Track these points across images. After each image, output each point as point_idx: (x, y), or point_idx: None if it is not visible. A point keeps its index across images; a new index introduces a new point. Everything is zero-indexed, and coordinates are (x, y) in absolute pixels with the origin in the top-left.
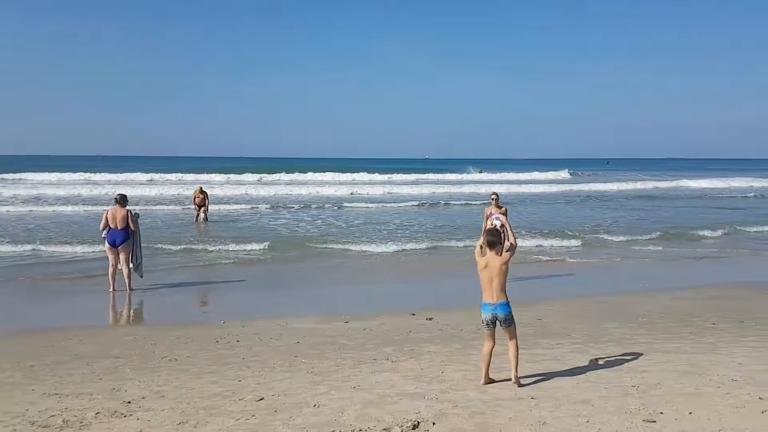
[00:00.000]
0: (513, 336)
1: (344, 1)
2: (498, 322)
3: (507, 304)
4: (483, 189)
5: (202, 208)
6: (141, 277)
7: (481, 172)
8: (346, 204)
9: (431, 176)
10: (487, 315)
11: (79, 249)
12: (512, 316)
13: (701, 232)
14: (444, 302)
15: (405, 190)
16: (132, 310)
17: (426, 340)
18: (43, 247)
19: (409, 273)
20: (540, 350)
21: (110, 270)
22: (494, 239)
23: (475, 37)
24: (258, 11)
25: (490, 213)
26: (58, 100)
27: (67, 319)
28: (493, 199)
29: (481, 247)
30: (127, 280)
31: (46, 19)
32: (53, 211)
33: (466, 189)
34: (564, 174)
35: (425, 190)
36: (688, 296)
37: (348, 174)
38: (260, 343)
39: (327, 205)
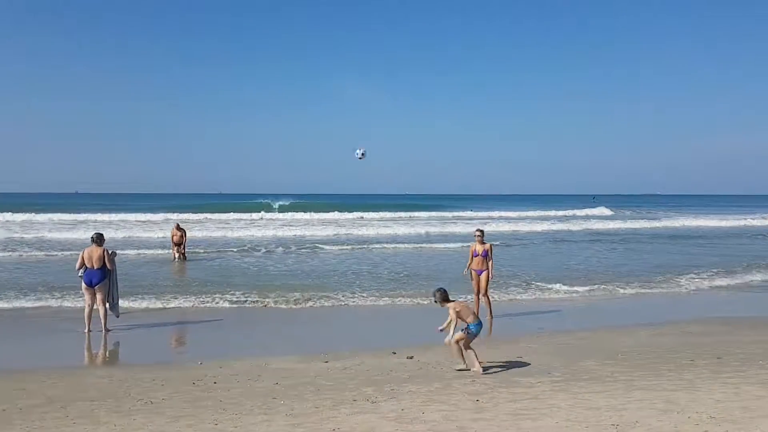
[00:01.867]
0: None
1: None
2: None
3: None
4: (491, 227)
5: (180, 246)
6: (117, 317)
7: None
8: (333, 246)
9: (424, 214)
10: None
11: (53, 302)
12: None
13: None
14: (425, 340)
15: (395, 230)
16: (107, 351)
17: (406, 380)
18: (18, 303)
19: (389, 311)
20: (520, 389)
21: (86, 310)
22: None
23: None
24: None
25: (475, 250)
26: (31, 132)
27: (41, 361)
28: (477, 237)
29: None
30: (103, 320)
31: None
32: (19, 255)
33: (460, 228)
34: (604, 210)
35: (412, 230)
36: (665, 332)
37: (341, 213)
38: (238, 384)
39: (306, 248)
